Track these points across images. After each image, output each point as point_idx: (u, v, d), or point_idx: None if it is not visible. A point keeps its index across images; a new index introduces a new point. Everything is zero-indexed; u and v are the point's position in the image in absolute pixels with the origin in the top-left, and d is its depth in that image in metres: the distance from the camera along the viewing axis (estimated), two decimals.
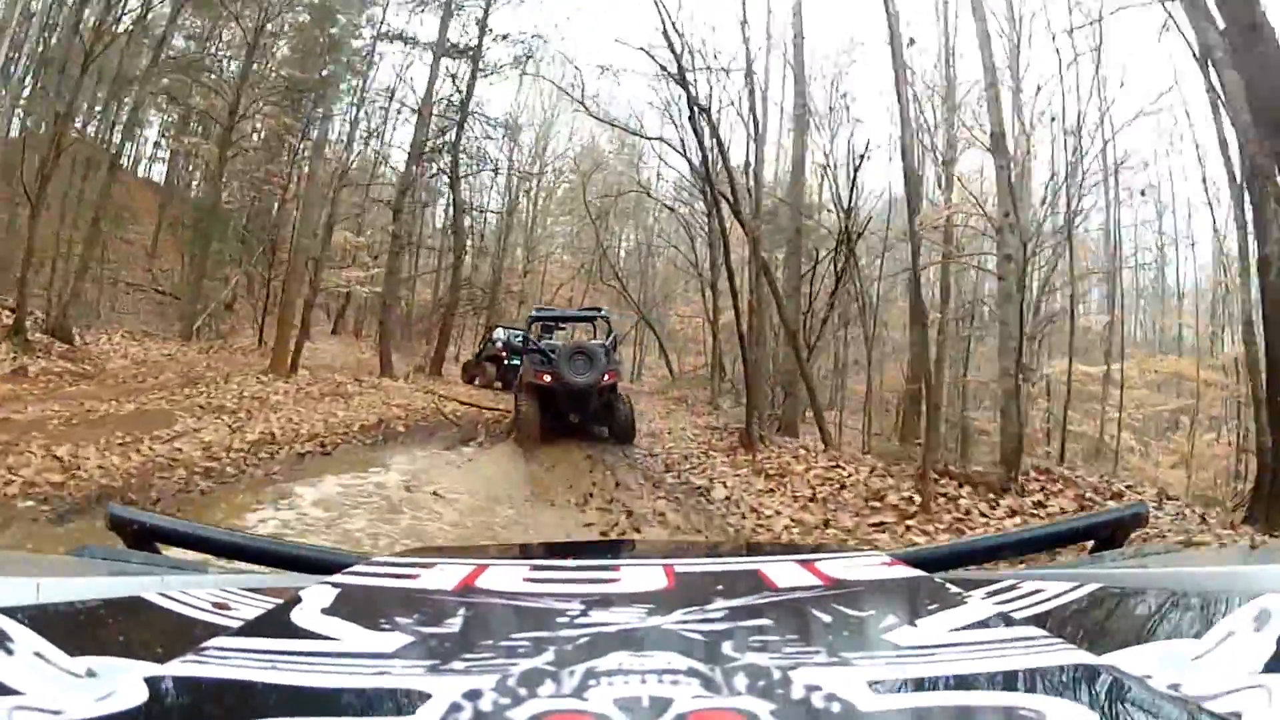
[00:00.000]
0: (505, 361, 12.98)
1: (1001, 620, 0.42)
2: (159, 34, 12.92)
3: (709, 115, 8.04)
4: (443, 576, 0.59)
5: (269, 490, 4.68)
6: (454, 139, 15.67)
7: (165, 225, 16.30)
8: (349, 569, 0.62)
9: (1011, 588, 0.54)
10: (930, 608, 0.47)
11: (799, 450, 6.91)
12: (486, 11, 16.50)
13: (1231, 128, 6.81)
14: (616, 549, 1.60)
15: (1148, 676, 0.33)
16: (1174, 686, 0.32)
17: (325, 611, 0.46)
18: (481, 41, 17.00)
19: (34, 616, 0.38)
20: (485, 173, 21.56)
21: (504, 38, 17.29)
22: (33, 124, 12.14)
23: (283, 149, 16.13)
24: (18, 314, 9.07)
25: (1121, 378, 13.51)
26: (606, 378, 7.19)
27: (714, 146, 7.66)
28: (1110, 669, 0.33)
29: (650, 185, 20.05)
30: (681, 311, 22.32)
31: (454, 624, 0.46)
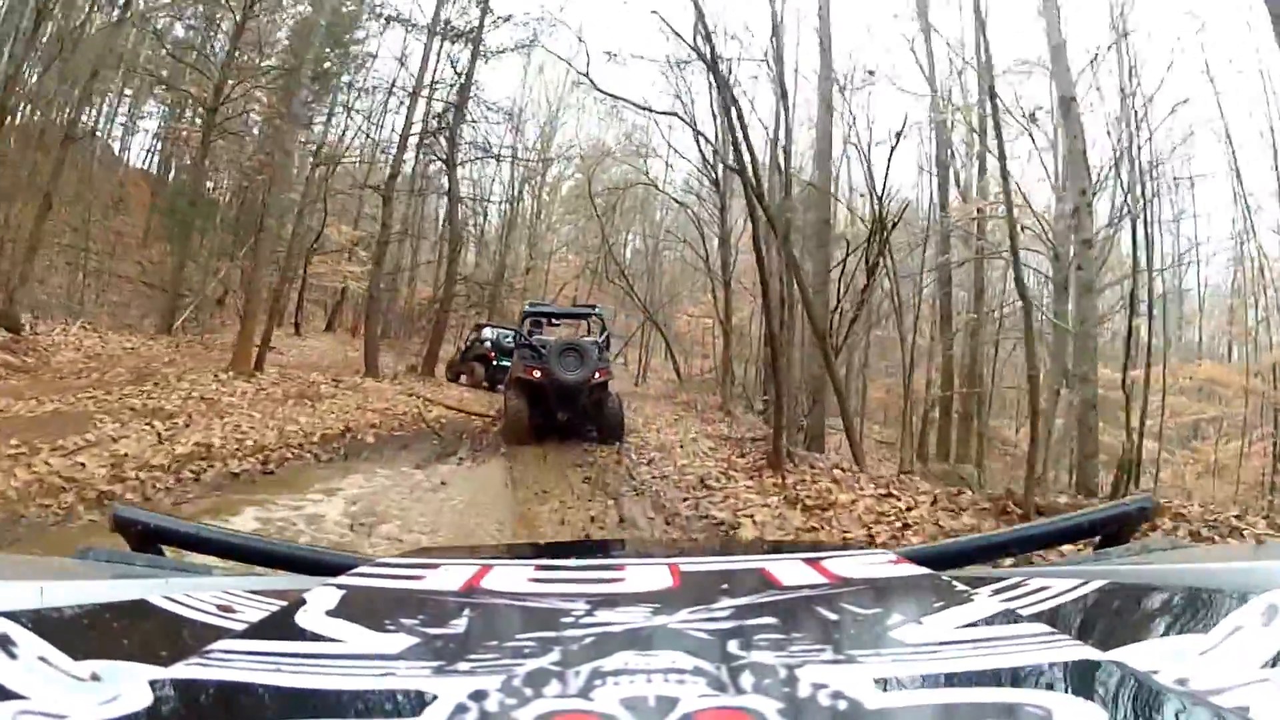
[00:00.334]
0: (495, 362, 12.72)
1: (1008, 617, 0.42)
2: None
3: (727, 82, 7.01)
4: (448, 577, 0.58)
5: None
6: (451, 121, 14.64)
7: (155, 215, 15.61)
8: (354, 570, 0.61)
9: (1018, 585, 0.52)
10: (936, 605, 0.46)
11: (834, 471, 5.82)
12: None
13: None
14: (621, 548, 1.51)
15: (1155, 672, 0.33)
16: (1181, 681, 0.32)
17: (330, 613, 0.46)
18: (483, 22, 16.15)
19: (37, 620, 0.38)
20: (488, 166, 20.69)
21: (506, 19, 16.41)
22: None
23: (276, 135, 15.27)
24: None
25: (1164, 384, 12.60)
26: (597, 375, 7.06)
27: (735, 115, 6.57)
28: (1117, 664, 0.33)
29: (659, 180, 19.09)
30: (691, 312, 21.38)
31: (459, 625, 0.46)
